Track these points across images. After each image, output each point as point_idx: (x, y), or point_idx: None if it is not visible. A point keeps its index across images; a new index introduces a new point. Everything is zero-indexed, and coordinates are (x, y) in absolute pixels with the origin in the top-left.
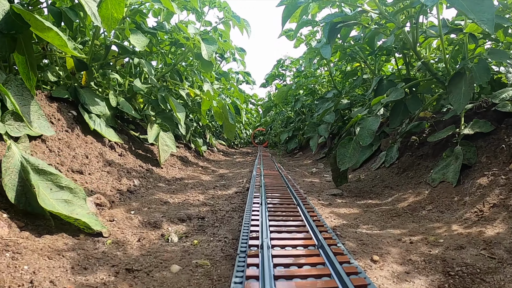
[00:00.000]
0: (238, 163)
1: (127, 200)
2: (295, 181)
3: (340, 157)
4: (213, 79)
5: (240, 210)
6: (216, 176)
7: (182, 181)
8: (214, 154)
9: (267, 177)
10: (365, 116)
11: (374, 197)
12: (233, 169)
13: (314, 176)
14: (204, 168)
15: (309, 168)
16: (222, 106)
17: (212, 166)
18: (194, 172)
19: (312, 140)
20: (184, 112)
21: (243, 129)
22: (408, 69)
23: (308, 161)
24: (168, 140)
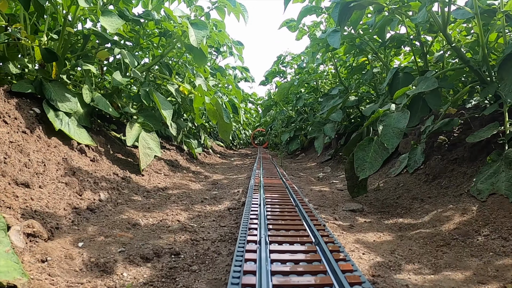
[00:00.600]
0: (236, 167)
1: (83, 223)
2: (301, 190)
3: (359, 163)
4: (207, 74)
5: (230, 239)
6: (208, 184)
7: (165, 191)
8: (210, 157)
9: (268, 188)
10: (388, 111)
11: (404, 213)
12: (229, 174)
13: (322, 183)
14: (195, 174)
15: (314, 172)
16: (215, 103)
17: (206, 171)
18: (183, 179)
19: (317, 141)
20: (171, 109)
21: (242, 129)
22: (426, 60)
23: (312, 164)
24: (151, 142)
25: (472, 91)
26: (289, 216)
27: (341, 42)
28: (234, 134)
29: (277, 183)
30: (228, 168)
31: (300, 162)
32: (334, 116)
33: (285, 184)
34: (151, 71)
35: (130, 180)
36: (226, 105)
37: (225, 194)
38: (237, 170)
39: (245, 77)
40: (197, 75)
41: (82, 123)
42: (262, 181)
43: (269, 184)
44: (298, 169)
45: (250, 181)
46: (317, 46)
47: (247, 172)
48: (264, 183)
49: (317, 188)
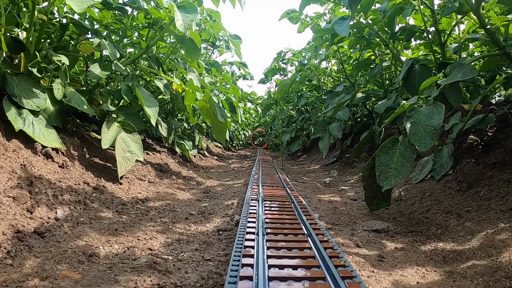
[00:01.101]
0: (233, 170)
1: (22, 254)
2: (308, 200)
3: (382, 169)
4: (201, 69)
5: (215, 286)
6: (199, 192)
7: (144, 204)
8: (206, 159)
9: (268, 202)
10: (416, 106)
11: (442, 233)
12: (225, 179)
13: (331, 191)
14: (186, 180)
15: (320, 177)
16: (209, 100)
17: (199, 176)
18: (170, 186)
19: (321, 142)
20: (156, 107)
21: (241, 130)
22: (444, 51)
23: (316, 166)
24: (132, 144)
25: (508, 83)
26: (297, 245)
27: (348, 32)
28: (233, 134)
29: (279, 195)
30: (224, 172)
31: (302, 164)
32: (340, 114)
33: (289, 195)
34: (137, 65)
35: (104, 190)
36: (223, 104)
37: (217, 207)
38: (234, 174)
39: (244, 74)
40: (190, 70)
41: (52, 122)
42: (261, 192)
43: (269, 196)
44: (301, 173)
45: (247, 190)
46: (320, 40)
47: (245, 177)
48: (264, 194)
49: (326, 198)
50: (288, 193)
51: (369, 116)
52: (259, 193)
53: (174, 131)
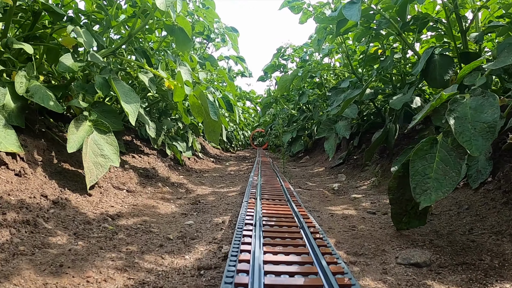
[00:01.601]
0: (229, 174)
1: None
2: (318, 215)
3: (417, 180)
4: (195, 63)
5: None
6: (186, 203)
7: (114, 222)
8: (202, 162)
9: (269, 225)
10: (458, 97)
11: (500, 266)
12: (219, 185)
13: (342, 200)
14: (174, 187)
15: (326, 181)
16: (199, 95)
17: (190, 182)
18: (153, 196)
19: (327, 142)
20: (137, 103)
21: (240, 130)
22: (465, 39)
23: (320, 169)
24: (106, 147)
25: None
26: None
27: (359, 17)
28: (232, 135)
29: (282, 213)
30: (219, 177)
31: (304, 166)
32: (347, 112)
33: (297, 216)
34: (119, 56)
35: (67, 204)
36: (219, 102)
37: (204, 225)
38: (230, 179)
39: (242, 71)
40: (181, 63)
41: (13, 122)
42: (259, 210)
43: (270, 216)
44: (305, 177)
45: (242, 203)
46: (323, 32)
47: (242, 182)
48: (263, 214)
49: (339, 211)
50: (294, 211)
51: (377, 114)
52: (257, 212)
53: (167, 132)
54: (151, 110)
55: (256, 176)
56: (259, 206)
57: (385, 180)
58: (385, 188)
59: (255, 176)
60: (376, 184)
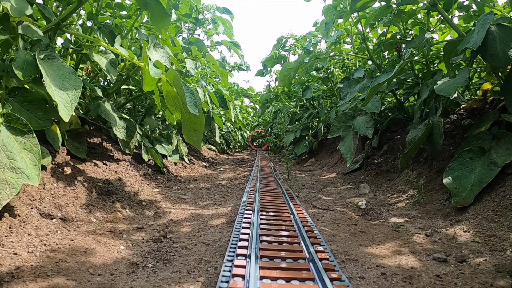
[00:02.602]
0: (220, 185)
1: None
2: (355, 270)
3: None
4: (178, 48)
5: None
6: (143, 241)
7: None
8: (191, 167)
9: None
10: None
11: None
12: (203, 204)
13: (382, 231)
14: (140, 209)
15: (344, 194)
16: (174, 80)
17: (166, 199)
18: (99, 227)
19: (344, 143)
20: (77, 89)
21: (237, 130)
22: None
23: (331, 175)
24: (21, 155)
25: None
26: None
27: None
28: (229, 135)
29: (298, 278)
30: (207, 188)
31: (311, 171)
32: (369, 105)
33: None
34: (66, 31)
35: None
36: (210, 97)
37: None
38: (221, 193)
39: (238, 65)
40: (157, 44)
41: None
42: (255, 272)
43: (272, 275)
44: (315, 186)
45: (228, 249)
46: (332, 13)
47: (234, 199)
48: (261, 276)
49: (389, 260)
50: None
51: (399, 109)
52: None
53: (151, 132)
54: (134, 106)
55: (254, 187)
56: (256, 250)
57: (431, 195)
58: (435, 208)
59: (253, 188)
60: (420, 201)
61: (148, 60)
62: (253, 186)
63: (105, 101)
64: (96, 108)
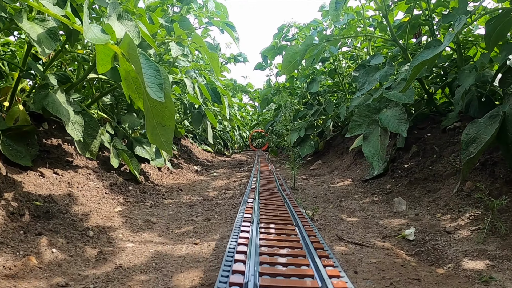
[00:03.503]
0: (207, 200)
1: None
2: None
3: None
4: (156, 27)
5: None
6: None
7: None
8: (179, 172)
9: None
10: None
11: None
12: (178, 233)
13: (456, 282)
14: (78, 245)
15: (372, 212)
16: (128, 51)
17: (127, 224)
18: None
19: (368, 144)
20: None
21: (235, 130)
22: None
23: (345, 181)
24: None
25: None
26: None
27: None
28: (227, 135)
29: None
30: (189, 206)
31: (319, 175)
32: (399, 95)
33: None
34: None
35: None
36: (201, 90)
37: None
38: (206, 213)
39: (235, 56)
40: (123, 16)
41: None
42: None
43: None
44: (329, 199)
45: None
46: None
47: (223, 224)
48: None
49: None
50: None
51: (428, 102)
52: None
53: (131, 132)
54: (117, 102)
55: (252, 203)
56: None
57: (508, 219)
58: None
59: (250, 206)
60: (498, 229)
61: (89, 23)
62: (250, 201)
63: (57, 90)
64: (42, 99)
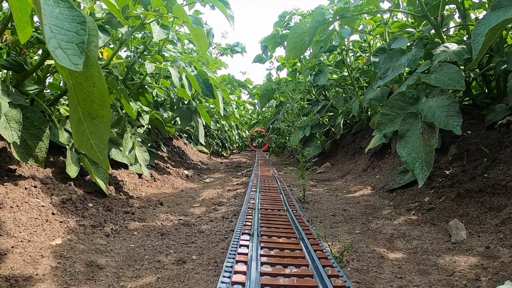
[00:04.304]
0: (187, 224)
1: None
2: None
3: None
4: (136, 5)
5: None
6: None
7: None
8: (164, 179)
9: None
10: None
11: None
12: (136, 284)
13: None
14: None
15: (419, 241)
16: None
17: (55, 271)
18: None
19: (405, 144)
20: None
21: (233, 129)
22: None
23: (364, 190)
24: None
25: None
26: None
27: None
28: (225, 135)
29: None
30: (161, 235)
31: (328, 180)
32: (444, 80)
33: None
34: None
35: None
36: (189, 81)
37: None
38: (182, 248)
39: (231, 46)
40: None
41: None
42: None
43: None
44: (352, 217)
45: None
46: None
47: (203, 276)
48: None
49: None
50: None
51: (465, 92)
52: None
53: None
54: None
55: (249, 233)
56: None
57: None
58: None
59: (246, 237)
60: None
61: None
62: (247, 226)
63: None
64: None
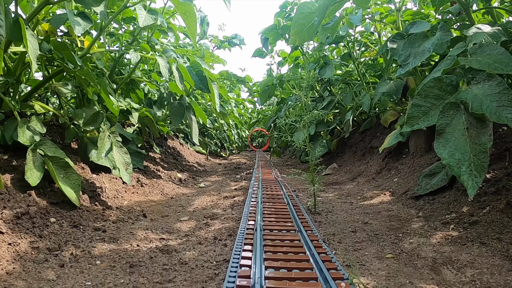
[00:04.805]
0: (168, 249)
1: None
2: None
3: None
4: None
5: None
6: None
7: None
8: (153, 184)
9: None
10: None
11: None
12: None
13: None
14: None
15: (468, 266)
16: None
17: None
18: None
19: (445, 142)
20: None
21: (231, 128)
22: None
23: (382, 196)
24: None
25: None
26: None
27: None
28: (224, 135)
29: None
30: (129, 266)
31: (337, 183)
32: (489, 62)
33: None
34: None
35: None
36: (181, 72)
37: None
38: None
39: (229, 38)
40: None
41: None
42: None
43: None
44: (376, 233)
45: None
46: None
47: None
48: None
49: None
50: None
51: None
52: None
53: (86, 131)
54: (83, 93)
55: (249, 264)
56: None
57: None
58: None
59: (244, 282)
60: None
61: None
62: (246, 260)
63: None
64: None
